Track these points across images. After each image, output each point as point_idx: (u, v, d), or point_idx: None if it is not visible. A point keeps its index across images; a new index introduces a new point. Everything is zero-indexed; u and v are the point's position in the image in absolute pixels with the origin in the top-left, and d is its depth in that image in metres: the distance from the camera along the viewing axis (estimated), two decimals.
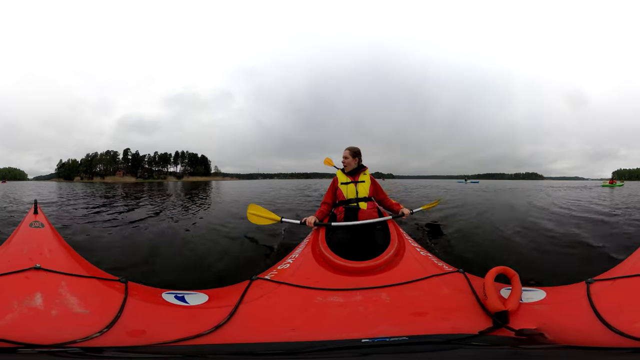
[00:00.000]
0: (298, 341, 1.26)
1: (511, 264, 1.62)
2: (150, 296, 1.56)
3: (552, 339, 1.20)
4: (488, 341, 1.23)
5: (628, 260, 1.73)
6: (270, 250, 3.61)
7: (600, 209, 7.63)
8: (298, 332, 1.33)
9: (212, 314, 1.41)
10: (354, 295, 1.54)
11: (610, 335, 1.20)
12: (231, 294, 1.57)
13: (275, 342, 1.25)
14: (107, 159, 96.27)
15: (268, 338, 1.29)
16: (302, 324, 1.39)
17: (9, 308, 1.28)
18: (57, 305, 1.34)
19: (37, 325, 1.24)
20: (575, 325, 1.29)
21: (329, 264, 1.90)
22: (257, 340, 1.27)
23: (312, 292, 1.58)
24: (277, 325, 1.38)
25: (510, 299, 1.38)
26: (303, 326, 1.37)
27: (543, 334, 1.21)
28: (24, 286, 1.42)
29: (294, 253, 2.18)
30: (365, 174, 2.92)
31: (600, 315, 1.27)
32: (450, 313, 1.44)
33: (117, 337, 1.24)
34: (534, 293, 1.49)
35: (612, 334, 1.20)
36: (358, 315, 1.44)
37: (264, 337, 1.30)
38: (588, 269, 2.26)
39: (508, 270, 1.50)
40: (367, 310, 1.46)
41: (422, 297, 1.55)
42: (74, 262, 1.76)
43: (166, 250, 3.64)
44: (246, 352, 1.19)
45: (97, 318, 1.29)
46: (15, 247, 1.82)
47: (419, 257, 2.02)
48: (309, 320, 1.43)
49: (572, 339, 1.21)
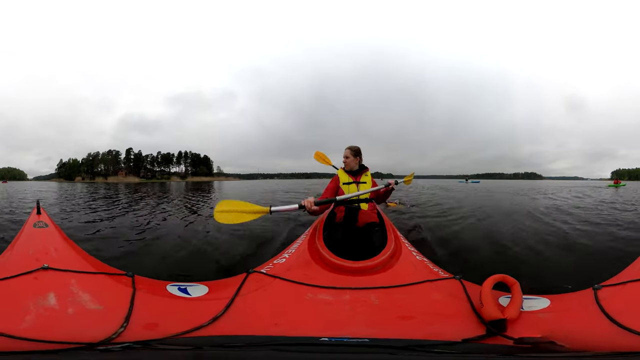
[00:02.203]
0: (275, 335, 1.27)
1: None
2: (156, 289, 1.59)
3: (566, 345, 1.17)
4: (473, 349, 1.20)
5: (634, 264, 1.70)
6: (273, 243, 3.79)
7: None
8: (279, 327, 1.35)
9: (210, 305, 1.44)
10: (343, 294, 1.55)
11: (627, 337, 1.17)
12: (229, 286, 1.60)
13: (258, 336, 1.27)
14: (109, 158, 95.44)
15: (256, 331, 1.31)
16: (286, 319, 1.41)
17: (25, 310, 1.28)
18: (72, 304, 1.35)
19: (57, 325, 1.25)
20: (586, 330, 1.25)
21: (324, 262, 1.90)
22: (248, 333, 1.29)
23: (303, 288, 1.59)
24: (265, 319, 1.41)
25: (510, 307, 1.34)
26: (286, 321, 1.40)
27: (554, 341, 1.18)
28: (35, 287, 1.43)
29: (291, 248, 2.19)
30: (367, 175, 2.93)
31: (612, 318, 1.23)
32: (439, 319, 1.42)
33: (135, 331, 1.26)
34: (537, 301, 1.45)
35: (628, 336, 1.17)
36: (343, 314, 1.45)
37: (253, 330, 1.32)
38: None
39: (507, 279, 1.46)
40: (353, 310, 1.46)
41: (412, 301, 1.53)
42: (81, 259, 1.78)
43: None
44: (237, 344, 1.21)
45: (112, 313, 1.32)
46: (21, 249, 1.82)
47: (415, 261, 2.01)
48: (294, 315, 1.45)
49: (585, 345, 1.17)
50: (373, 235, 2.57)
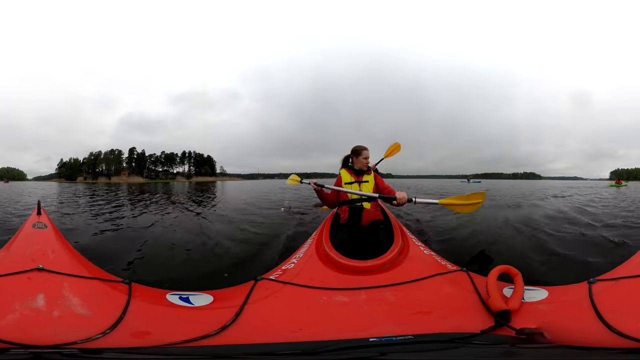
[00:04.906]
0: (305, 341, 1.27)
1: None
2: (155, 297, 1.57)
3: (551, 338, 1.21)
4: (489, 340, 1.24)
5: (631, 260, 1.72)
6: (275, 249, 3.77)
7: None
8: (305, 332, 1.34)
9: (217, 314, 1.42)
10: (358, 295, 1.56)
11: (610, 335, 1.20)
12: (236, 295, 1.58)
13: (282, 343, 1.26)
14: (112, 158, 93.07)
15: (275, 338, 1.30)
16: (308, 324, 1.41)
17: (10, 309, 1.27)
18: (59, 306, 1.34)
19: (38, 326, 1.24)
20: (575, 325, 1.29)
21: (333, 264, 1.91)
22: (264, 341, 1.28)
23: (317, 291, 1.59)
24: (284, 326, 1.40)
25: (512, 298, 1.39)
26: (309, 326, 1.39)
27: (543, 333, 1.23)
28: (26, 287, 1.42)
29: (298, 253, 2.20)
30: (369, 174, 2.96)
31: (601, 315, 1.27)
32: (453, 312, 1.46)
33: (120, 338, 1.24)
34: (536, 292, 1.49)
35: (612, 334, 1.20)
36: (364, 314, 1.46)
37: (270, 337, 1.31)
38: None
39: (511, 269, 1.51)
40: (372, 310, 1.48)
41: (426, 296, 1.57)
42: (77, 263, 1.77)
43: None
44: (254, 352, 1.20)
45: (99, 319, 1.29)
46: (18, 248, 1.82)
47: (423, 255, 2.04)
48: (314, 319, 1.45)
49: (571, 339, 1.21)
50: (379, 233, 2.61)
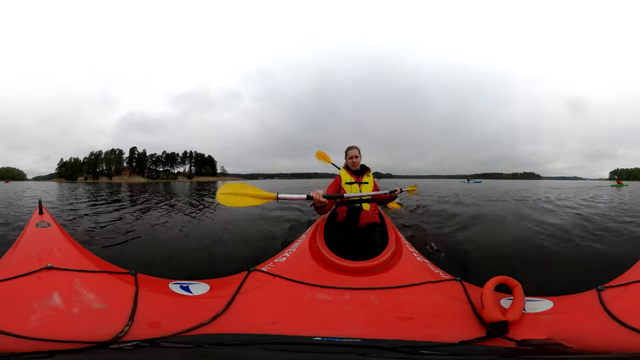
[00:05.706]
0: (270, 334, 1.28)
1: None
2: (159, 287, 1.60)
3: (573, 347, 1.17)
4: (471, 351, 1.20)
5: (637, 265, 1.70)
6: (274, 242, 3.80)
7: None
8: (277, 325, 1.36)
9: (212, 303, 1.45)
10: (342, 294, 1.55)
11: (635, 338, 1.17)
12: (230, 285, 1.61)
13: (256, 334, 1.28)
14: (113, 157, 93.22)
15: (255, 330, 1.32)
16: (284, 318, 1.42)
17: (30, 310, 1.28)
18: (76, 303, 1.36)
19: (66, 324, 1.25)
20: (593, 331, 1.25)
21: (324, 261, 1.90)
22: (247, 331, 1.30)
23: (303, 287, 1.60)
24: (264, 318, 1.42)
25: (512, 309, 1.34)
26: (283, 320, 1.40)
27: (561, 343, 1.18)
28: (38, 287, 1.43)
29: (292, 247, 2.19)
30: (369, 176, 2.95)
31: (619, 319, 1.24)
32: (437, 320, 1.42)
33: (141, 329, 1.28)
34: (540, 303, 1.45)
35: (636, 337, 1.17)
36: (341, 314, 1.45)
37: (252, 328, 1.33)
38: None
39: (510, 281, 1.47)
40: (352, 310, 1.47)
41: (412, 302, 1.53)
42: (84, 258, 1.78)
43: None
44: (235, 342, 1.22)
45: (116, 312, 1.33)
46: (23, 249, 1.82)
47: (416, 262, 2.01)
48: (292, 314, 1.46)
49: (593, 346, 1.17)
50: (374, 236, 2.56)
